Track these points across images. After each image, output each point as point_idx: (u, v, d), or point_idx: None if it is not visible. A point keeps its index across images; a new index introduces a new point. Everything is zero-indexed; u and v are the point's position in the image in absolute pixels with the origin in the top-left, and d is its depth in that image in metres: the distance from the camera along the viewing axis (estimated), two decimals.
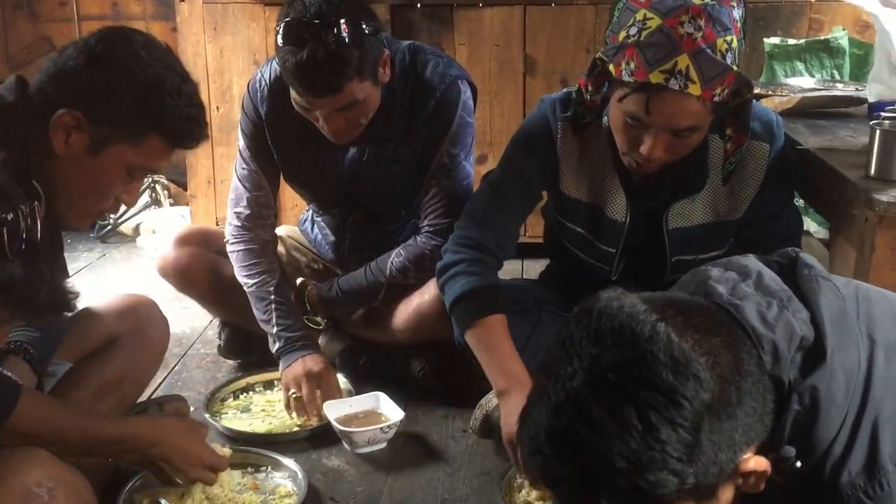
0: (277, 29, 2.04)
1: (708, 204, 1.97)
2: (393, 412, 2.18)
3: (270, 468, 2.03)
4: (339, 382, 2.33)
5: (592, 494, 0.98)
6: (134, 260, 3.61)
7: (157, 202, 3.96)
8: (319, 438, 2.19)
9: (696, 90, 1.67)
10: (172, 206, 3.97)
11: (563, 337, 1.03)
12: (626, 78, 1.72)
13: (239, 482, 1.96)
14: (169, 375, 2.55)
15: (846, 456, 1.09)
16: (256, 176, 2.37)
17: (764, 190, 1.95)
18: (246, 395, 2.40)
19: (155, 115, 1.58)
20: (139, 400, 2.11)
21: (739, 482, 1.04)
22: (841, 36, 3.14)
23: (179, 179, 3.85)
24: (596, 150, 1.98)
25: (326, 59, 1.98)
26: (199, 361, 2.67)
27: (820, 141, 2.12)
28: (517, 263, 3.28)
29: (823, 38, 3.17)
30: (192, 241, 2.51)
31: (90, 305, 2.00)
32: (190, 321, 2.87)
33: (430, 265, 2.24)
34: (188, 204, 3.68)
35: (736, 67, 1.71)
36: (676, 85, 1.66)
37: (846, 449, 1.10)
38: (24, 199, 1.20)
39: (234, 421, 2.27)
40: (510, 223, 2.05)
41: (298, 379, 2.25)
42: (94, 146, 1.56)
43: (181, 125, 1.62)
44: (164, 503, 1.85)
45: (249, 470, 2.03)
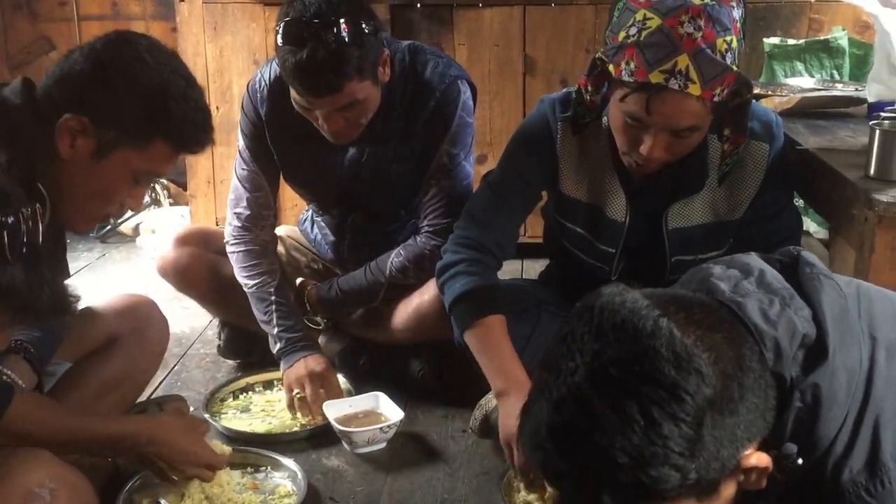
0: (277, 29, 2.04)
1: (707, 204, 1.97)
2: (392, 412, 2.18)
3: (270, 468, 2.03)
4: (339, 382, 2.33)
5: (594, 490, 0.98)
6: (134, 260, 3.62)
7: (156, 202, 3.97)
8: (319, 438, 2.19)
9: (695, 90, 1.67)
10: (172, 205, 3.97)
11: (564, 333, 1.03)
12: (626, 78, 1.72)
13: (238, 482, 1.95)
14: (168, 375, 2.55)
15: (848, 454, 1.10)
16: (256, 176, 2.37)
17: (763, 190, 1.95)
18: (245, 395, 2.40)
19: (160, 119, 1.58)
20: (139, 400, 2.12)
21: (741, 479, 1.04)
22: (841, 36, 3.14)
23: (179, 179, 3.85)
24: (595, 150, 1.98)
25: (326, 58, 1.98)
26: (198, 361, 2.67)
27: (819, 141, 2.12)
28: (517, 263, 3.28)
29: (823, 38, 3.17)
30: (191, 241, 2.51)
31: (90, 305, 2.00)
32: (189, 321, 2.88)
33: (429, 265, 2.24)
34: (188, 204, 3.68)
35: (736, 67, 1.71)
36: (676, 85, 1.66)
37: (848, 447, 1.10)
38: (25, 201, 1.20)
39: (233, 421, 2.27)
40: (510, 223, 2.05)
41: (301, 379, 2.25)
42: (99, 151, 1.56)
43: (187, 130, 1.62)
44: (163, 503, 1.85)
45: (249, 470, 2.02)
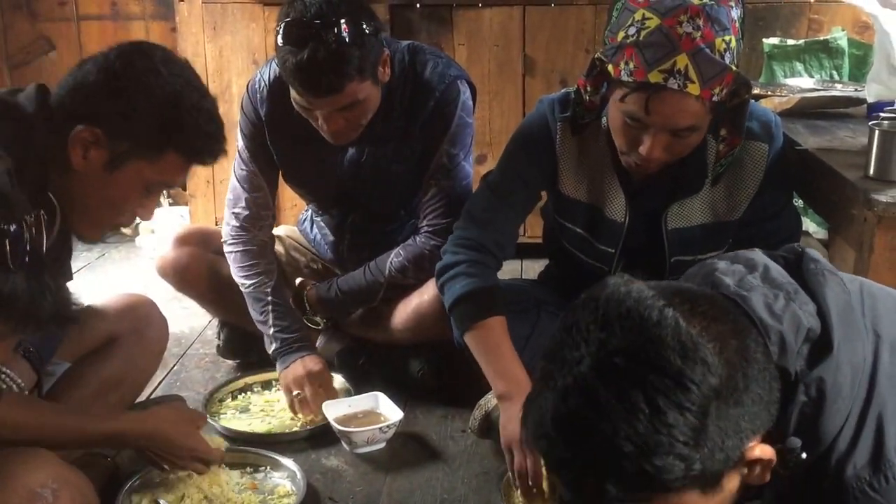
0: (277, 29, 2.04)
1: (707, 204, 1.97)
2: (392, 412, 2.18)
3: (269, 468, 2.03)
4: (335, 382, 2.34)
5: (598, 479, 0.98)
6: (133, 260, 3.61)
7: None
8: (318, 438, 2.19)
9: (694, 90, 1.67)
10: (171, 205, 3.96)
11: (569, 323, 1.03)
12: (625, 78, 1.72)
13: (238, 482, 1.96)
14: (168, 375, 2.55)
15: (851, 449, 1.10)
16: (255, 177, 2.36)
17: (763, 190, 1.95)
18: (244, 395, 2.40)
19: (173, 131, 1.58)
20: (138, 400, 2.12)
21: (744, 472, 1.04)
22: (840, 36, 3.14)
23: None
24: (595, 150, 1.98)
25: (327, 59, 1.98)
26: (197, 361, 2.67)
27: (819, 141, 2.12)
28: (516, 263, 3.28)
29: (822, 38, 3.17)
30: (191, 240, 2.51)
31: (90, 305, 2.00)
32: (189, 321, 2.88)
33: (429, 265, 2.24)
34: (187, 204, 3.68)
35: (735, 67, 1.72)
36: (675, 84, 1.66)
37: (851, 442, 1.10)
38: (29, 208, 1.19)
39: (232, 421, 2.27)
40: (509, 223, 2.05)
41: (300, 380, 2.25)
42: (112, 162, 1.56)
43: (199, 142, 1.62)
44: (163, 503, 1.85)
45: (248, 470, 2.03)
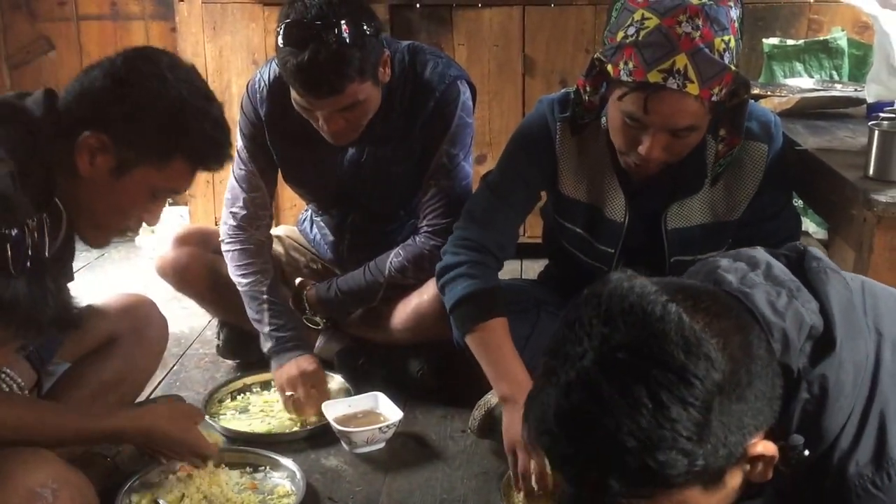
0: (278, 30, 2.03)
1: (706, 204, 1.97)
2: (391, 412, 2.18)
3: (269, 468, 2.03)
4: (328, 381, 2.34)
5: (601, 475, 0.98)
6: (133, 260, 3.61)
7: None
8: (318, 438, 2.19)
9: (694, 89, 1.67)
10: (171, 205, 3.96)
11: (571, 319, 1.03)
12: (624, 78, 1.72)
13: (237, 482, 1.96)
14: (167, 375, 2.55)
15: (854, 447, 1.10)
16: (253, 177, 2.36)
17: (762, 191, 1.95)
18: (243, 395, 2.40)
19: (180, 138, 1.58)
20: (138, 400, 2.12)
21: (747, 468, 1.05)
22: (840, 36, 3.14)
23: None
24: (595, 150, 1.98)
25: (328, 60, 1.98)
26: (197, 361, 2.67)
27: (819, 141, 2.12)
28: (516, 263, 3.28)
29: (822, 38, 3.17)
30: (190, 240, 2.51)
31: (89, 305, 2.00)
32: (188, 321, 2.88)
33: (428, 265, 2.24)
34: (187, 204, 3.67)
35: (734, 67, 1.71)
36: (675, 84, 1.66)
37: (854, 440, 1.10)
38: (32, 212, 1.19)
39: (232, 421, 2.27)
40: (510, 223, 2.05)
41: (293, 380, 2.25)
42: (118, 168, 1.57)
43: (206, 148, 1.63)
44: (162, 503, 1.85)
45: (248, 470, 2.02)
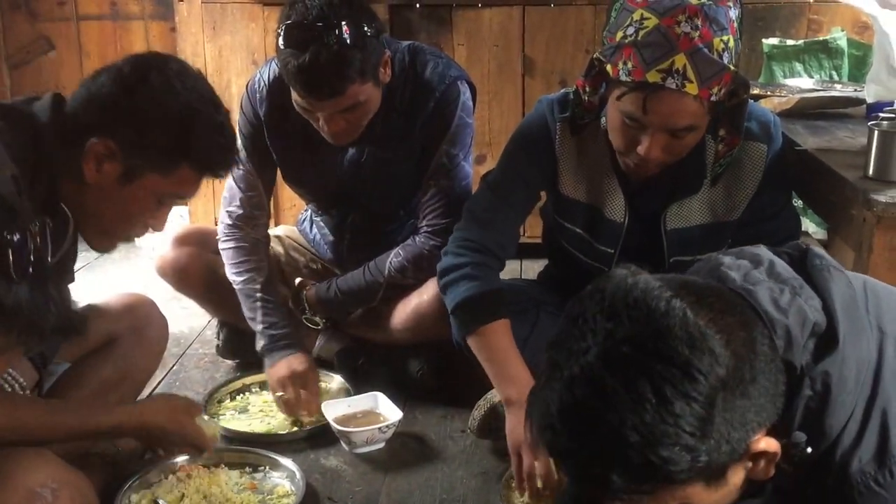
0: (278, 31, 2.03)
1: (706, 205, 1.97)
2: (391, 412, 2.18)
3: (268, 468, 2.03)
4: (319, 380, 2.32)
5: (603, 470, 0.98)
6: (132, 259, 3.61)
7: None
8: (317, 438, 2.19)
9: (693, 89, 1.67)
10: None
11: (575, 314, 1.03)
12: (623, 77, 1.72)
13: (237, 482, 1.96)
14: (167, 375, 2.55)
15: (856, 444, 1.10)
16: (251, 176, 2.36)
17: (762, 191, 1.95)
18: (243, 395, 2.40)
19: (187, 145, 1.59)
20: (137, 399, 2.11)
21: (749, 465, 1.05)
22: (839, 37, 3.14)
23: None
24: (594, 150, 1.98)
25: (329, 61, 1.98)
26: (197, 361, 2.67)
27: (818, 142, 2.12)
28: (516, 263, 3.28)
29: (822, 38, 3.17)
30: (190, 240, 2.50)
31: (89, 304, 2.00)
32: (188, 321, 2.87)
33: (428, 265, 2.24)
34: (186, 204, 3.67)
35: (733, 67, 1.71)
36: (673, 84, 1.66)
37: (856, 437, 1.10)
38: (34, 217, 1.19)
39: (232, 422, 2.27)
40: (511, 224, 2.04)
41: (283, 380, 2.25)
42: (125, 175, 1.57)
43: (213, 155, 1.64)
44: (162, 503, 1.85)
45: (247, 470, 2.02)
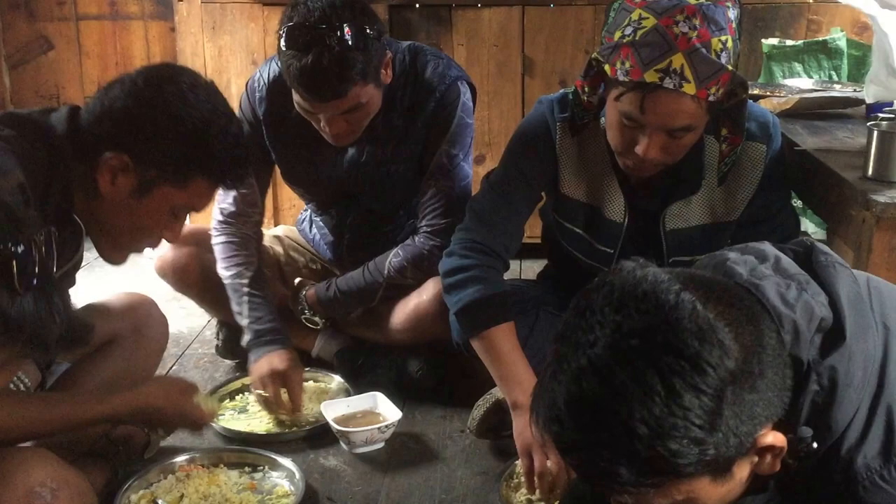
0: (280, 33, 2.03)
1: (705, 205, 1.97)
2: (390, 412, 2.18)
3: (268, 468, 2.03)
4: (303, 378, 2.30)
5: (611, 463, 0.98)
6: (132, 259, 3.59)
7: None
8: (317, 438, 2.19)
9: (690, 89, 1.67)
10: None
11: (581, 307, 1.03)
12: (621, 77, 1.72)
13: (236, 482, 1.96)
14: (167, 375, 2.55)
15: (862, 440, 1.10)
16: None
17: (761, 191, 1.95)
18: (242, 395, 2.40)
19: (201, 158, 1.60)
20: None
21: (755, 460, 1.05)
22: (839, 37, 3.14)
23: None
24: (594, 150, 1.98)
25: (331, 63, 1.98)
26: (196, 361, 2.66)
27: (818, 142, 2.12)
28: (516, 263, 3.28)
29: (821, 39, 3.17)
30: (190, 241, 2.49)
31: (90, 304, 2.00)
32: (188, 321, 2.87)
33: (428, 265, 2.24)
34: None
35: (731, 67, 1.71)
36: (671, 84, 1.66)
37: (862, 433, 1.10)
38: (39, 227, 1.18)
39: (231, 422, 2.27)
40: (514, 224, 2.04)
41: (264, 379, 2.23)
42: (140, 188, 1.58)
43: (227, 167, 1.65)
44: (161, 503, 1.85)
45: (247, 469, 2.03)
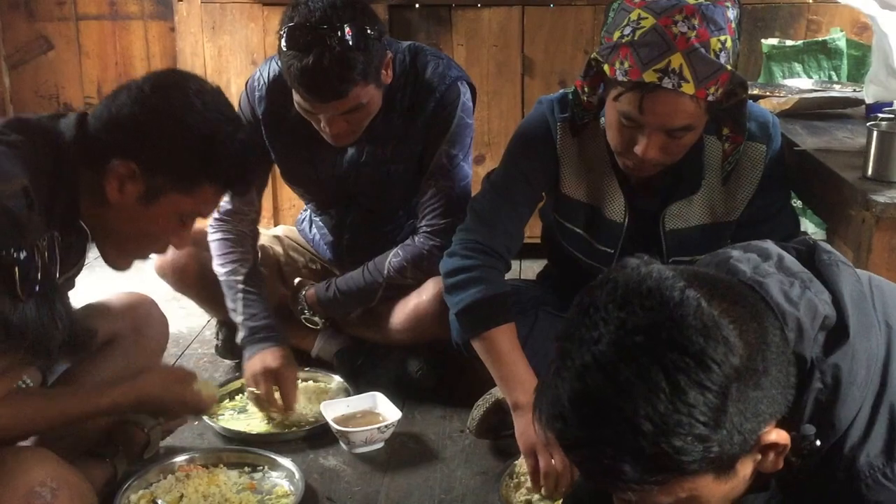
0: (281, 33, 2.03)
1: (705, 205, 1.97)
2: (390, 412, 2.18)
3: (267, 468, 2.03)
4: (296, 377, 2.30)
5: (615, 460, 0.98)
6: None
7: None
8: (316, 438, 2.19)
9: (689, 89, 1.67)
10: None
11: (585, 304, 1.03)
12: (620, 77, 1.72)
13: (236, 482, 1.96)
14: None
15: (865, 438, 1.10)
16: None
17: (761, 191, 1.95)
18: (241, 395, 2.40)
19: (209, 165, 1.60)
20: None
21: (758, 458, 1.05)
22: (839, 37, 3.14)
23: None
24: (594, 150, 1.99)
25: (332, 64, 1.98)
26: (196, 361, 2.66)
27: (817, 142, 2.12)
28: (515, 263, 3.27)
29: (821, 39, 3.17)
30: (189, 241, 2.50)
31: (90, 304, 2.00)
32: (188, 321, 2.87)
33: (427, 265, 2.24)
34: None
35: (730, 67, 1.71)
36: (670, 84, 1.66)
37: (865, 431, 1.10)
38: (42, 232, 1.18)
39: (231, 421, 2.27)
40: (516, 224, 2.04)
41: (256, 376, 2.23)
42: (147, 195, 1.59)
43: (234, 173, 1.66)
44: (161, 503, 1.85)
45: (246, 469, 2.02)
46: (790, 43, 3.16)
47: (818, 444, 1.08)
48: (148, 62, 3.76)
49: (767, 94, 2.59)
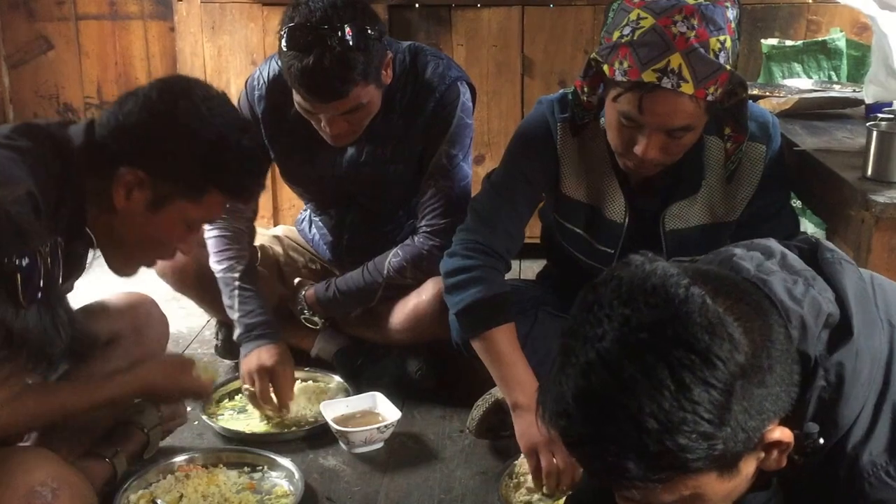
0: (281, 33, 2.03)
1: (705, 205, 1.97)
2: (390, 412, 2.18)
3: (267, 468, 2.03)
4: (293, 374, 2.30)
5: (619, 457, 0.97)
6: None
7: None
8: (316, 438, 2.19)
9: (688, 89, 1.67)
10: None
11: (589, 301, 1.02)
12: (619, 77, 1.72)
13: (235, 482, 1.96)
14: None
15: (868, 436, 1.10)
16: None
17: (761, 191, 1.95)
18: (240, 395, 2.40)
19: (217, 172, 1.61)
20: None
21: (761, 456, 1.04)
22: (838, 37, 3.14)
23: None
24: (594, 150, 1.99)
25: (332, 64, 1.98)
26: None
27: (817, 142, 2.12)
28: (515, 263, 3.27)
29: (821, 39, 3.17)
30: None
31: (90, 304, 2.00)
32: (187, 321, 2.87)
33: (427, 265, 2.24)
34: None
35: (730, 67, 1.71)
36: (669, 84, 1.66)
37: (868, 430, 1.10)
38: (45, 238, 1.18)
39: (230, 421, 2.27)
40: (516, 224, 2.04)
41: (252, 374, 2.24)
42: (155, 202, 1.59)
43: (242, 180, 1.66)
44: (160, 503, 1.85)
45: (246, 469, 2.03)
46: (790, 43, 3.16)
47: (821, 442, 1.08)
48: (148, 62, 3.76)
49: (767, 94, 2.59)
